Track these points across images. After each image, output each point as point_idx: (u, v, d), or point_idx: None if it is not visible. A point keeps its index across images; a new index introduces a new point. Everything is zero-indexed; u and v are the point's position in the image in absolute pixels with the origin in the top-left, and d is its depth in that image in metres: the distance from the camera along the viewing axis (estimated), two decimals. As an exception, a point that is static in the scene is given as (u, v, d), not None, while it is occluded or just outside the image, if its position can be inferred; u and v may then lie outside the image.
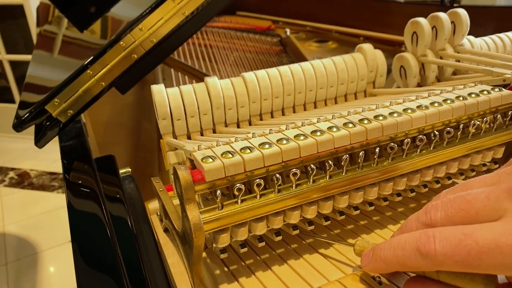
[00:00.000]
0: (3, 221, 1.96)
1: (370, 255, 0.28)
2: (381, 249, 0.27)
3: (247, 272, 0.34)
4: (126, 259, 0.33)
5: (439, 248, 0.23)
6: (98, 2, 0.74)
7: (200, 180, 0.28)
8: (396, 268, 0.27)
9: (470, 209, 0.24)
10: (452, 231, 0.23)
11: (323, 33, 1.38)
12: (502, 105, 0.38)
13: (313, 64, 0.47)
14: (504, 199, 0.23)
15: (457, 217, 0.24)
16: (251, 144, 0.30)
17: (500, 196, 0.23)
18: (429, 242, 0.23)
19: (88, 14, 0.75)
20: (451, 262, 0.23)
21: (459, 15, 0.52)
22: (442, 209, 0.25)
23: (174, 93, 0.41)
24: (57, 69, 0.64)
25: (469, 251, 0.22)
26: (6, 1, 2.47)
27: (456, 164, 0.38)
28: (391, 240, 0.27)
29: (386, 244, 0.27)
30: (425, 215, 0.26)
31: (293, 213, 0.32)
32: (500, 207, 0.23)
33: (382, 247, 0.27)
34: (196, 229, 0.27)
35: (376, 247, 0.28)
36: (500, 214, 0.23)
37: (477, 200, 0.24)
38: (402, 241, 0.25)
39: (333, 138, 0.31)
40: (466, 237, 0.22)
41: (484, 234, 0.22)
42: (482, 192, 0.24)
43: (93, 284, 0.32)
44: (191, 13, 0.51)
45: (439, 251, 0.23)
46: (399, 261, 0.26)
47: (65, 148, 0.50)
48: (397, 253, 0.26)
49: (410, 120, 0.34)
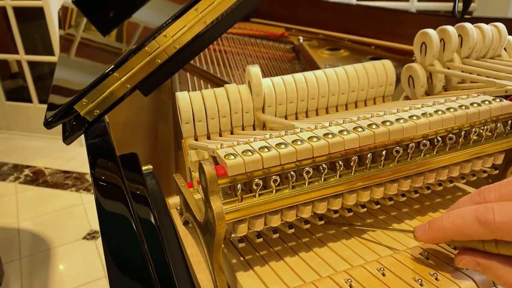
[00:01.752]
0: (18, 217, 2.02)
1: (426, 227, 0.32)
2: (438, 219, 0.31)
3: (261, 262, 0.37)
4: (151, 249, 0.36)
5: (498, 217, 0.27)
6: (121, 8, 0.78)
7: (223, 174, 0.31)
8: (454, 237, 0.30)
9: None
10: (509, 204, 0.27)
11: (336, 41, 1.41)
12: (503, 114, 0.41)
13: (326, 72, 0.50)
14: None
15: (510, 196, 0.28)
16: (269, 144, 0.34)
17: None
18: (487, 212, 0.27)
19: (111, 19, 0.78)
20: (508, 228, 0.26)
21: (466, 29, 0.55)
22: (496, 190, 0.29)
23: (196, 96, 0.44)
24: (82, 72, 0.68)
25: None
26: (27, 3, 2.54)
27: (458, 169, 0.41)
28: (448, 213, 0.31)
29: (444, 216, 0.31)
30: (478, 196, 0.30)
31: (305, 208, 0.35)
32: None
33: (439, 219, 0.31)
34: (219, 217, 0.30)
35: (433, 220, 0.32)
36: None
37: None
38: (461, 212, 0.29)
39: (344, 141, 0.34)
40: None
41: None
42: None
43: (122, 271, 0.34)
44: (211, 22, 0.54)
45: (498, 219, 0.27)
46: (457, 229, 0.29)
47: (91, 146, 0.53)
48: (457, 222, 0.29)
49: (415, 126, 0.37)
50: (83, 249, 1.79)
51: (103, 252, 0.37)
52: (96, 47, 0.73)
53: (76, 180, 2.32)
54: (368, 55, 1.26)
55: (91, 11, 0.84)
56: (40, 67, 2.83)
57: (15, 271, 1.67)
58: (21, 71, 2.82)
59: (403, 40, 1.25)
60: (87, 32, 0.80)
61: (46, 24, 2.54)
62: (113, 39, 0.70)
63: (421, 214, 0.42)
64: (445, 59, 0.56)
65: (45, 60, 2.72)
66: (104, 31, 0.75)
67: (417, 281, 0.32)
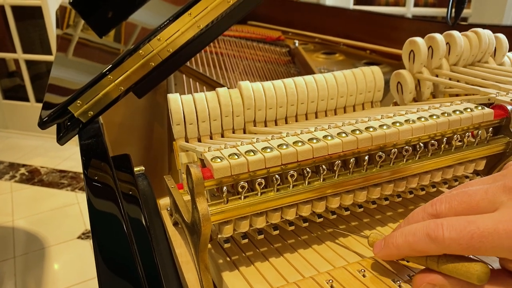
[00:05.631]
0: (12, 216, 2.02)
1: (382, 243, 0.33)
2: (392, 237, 0.32)
3: (247, 262, 0.38)
4: (140, 249, 0.37)
5: (446, 233, 0.27)
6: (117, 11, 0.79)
7: (209, 177, 0.32)
8: (406, 253, 0.31)
9: (471, 202, 0.28)
10: (457, 219, 0.28)
11: (331, 45, 1.43)
12: (484, 122, 0.42)
13: (315, 77, 0.51)
14: (500, 194, 0.27)
15: (460, 208, 0.29)
16: (255, 148, 0.35)
17: (497, 191, 0.28)
18: (437, 229, 0.28)
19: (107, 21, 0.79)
20: (456, 245, 0.27)
21: (453, 37, 0.56)
22: (447, 202, 0.30)
23: (187, 99, 0.45)
24: (78, 72, 0.69)
25: (472, 235, 0.26)
26: (25, 2, 2.54)
27: (440, 174, 0.42)
28: (401, 229, 0.31)
29: (397, 232, 0.32)
30: (431, 207, 0.31)
31: (289, 210, 0.36)
32: (497, 200, 0.27)
33: (393, 235, 0.32)
34: (205, 219, 0.31)
35: (388, 236, 0.33)
36: (496, 206, 0.27)
37: (477, 194, 0.28)
38: (413, 229, 0.30)
39: (327, 146, 0.35)
40: (469, 224, 0.27)
41: (484, 221, 0.26)
42: (481, 188, 0.29)
43: (111, 271, 0.35)
44: (205, 26, 0.55)
45: (447, 236, 0.27)
46: (410, 246, 0.30)
47: (84, 146, 0.54)
48: (409, 239, 0.30)
49: (397, 132, 0.38)
50: (78, 248, 1.79)
51: (93, 251, 0.38)
52: (91, 47, 0.74)
53: (71, 179, 2.33)
54: (363, 60, 1.27)
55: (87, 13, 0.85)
56: (38, 66, 2.84)
57: (9, 270, 1.67)
58: (18, 70, 2.83)
59: (398, 45, 1.27)
60: (84, 32, 0.81)
61: (44, 23, 2.54)
62: (108, 40, 0.71)
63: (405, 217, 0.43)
64: (433, 66, 0.57)
65: (43, 59, 2.73)
66: (100, 32, 0.76)
67: (396, 283, 0.33)
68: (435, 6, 2.40)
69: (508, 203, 0.27)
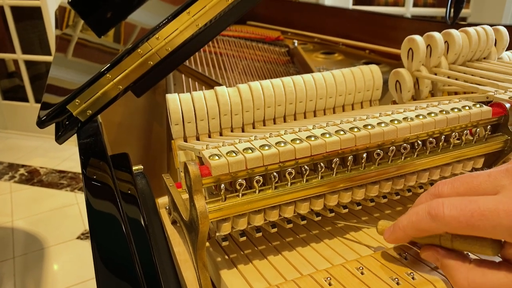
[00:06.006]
0: (12, 216, 2.02)
1: (391, 229, 0.34)
2: (399, 220, 0.33)
3: (245, 260, 0.38)
4: (138, 248, 0.37)
5: (447, 211, 0.28)
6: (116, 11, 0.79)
7: (207, 174, 0.32)
8: (412, 233, 0.32)
9: (473, 183, 0.29)
10: (459, 199, 0.29)
11: (330, 45, 1.43)
12: (482, 120, 0.42)
13: (314, 76, 0.51)
14: (502, 177, 0.28)
15: (462, 189, 0.30)
16: (253, 146, 0.35)
17: (499, 174, 0.29)
18: (438, 207, 0.29)
19: (106, 21, 0.79)
20: (456, 222, 0.28)
21: (452, 36, 0.56)
22: (449, 183, 0.31)
23: (186, 98, 0.45)
24: (75, 72, 0.69)
25: (472, 213, 0.27)
26: (25, 3, 2.54)
27: (438, 172, 0.42)
28: (407, 212, 0.33)
29: (404, 215, 0.33)
30: (434, 188, 0.32)
31: (287, 207, 0.36)
32: (498, 184, 0.28)
33: (400, 219, 0.33)
34: (202, 216, 0.31)
35: (396, 221, 0.34)
36: (498, 190, 0.28)
37: (479, 176, 0.30)
38: (416, 209, 0.31)
39: (325, 143, 0.35)
40: (470, 203, 0.28)
41: (485, 201, 0.27)
42: (484, 172, 0.30)
43: (109, 270, 0.35)
44: (204, 25, 0.55)
45: (447, 214, 0.28)
46: (413, 225, 0.31)
47: (83, 145, 0.54)
48: (412, 219, 0.31)
49: (396, 130, 0.38)
50: (77, 248, 1.79)
51: (91, 250, 0.38)
52: (90, 47, 0.74)
53: (71, 180, 2.33)
54: (362, 60, 1.27)
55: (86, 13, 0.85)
56: (37, 66, 2.84)
57: (8, 270, 1.67)
58: (17, 70, 2.83)
59: (397, 45, 1.26)
60: (82, 32, 0.81)
61: (44, 24, 2.54)
62: (107, 40, 0.71)
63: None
64: (431, 65, 0.57)
65: (42, 59, 2.72)
66: (99, 32, 0.76)
67: (394, 280, 0.33)
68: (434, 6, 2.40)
69: (509, 187, 0.28)
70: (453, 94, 0.58)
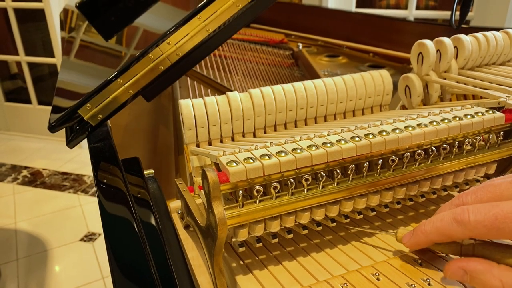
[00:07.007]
0: (15, 218, 2.02)
1: (411, 234, 0.35)
2: (421, 225, 0.34)
3: (260, 266, 0.38)
4: (153, 252, 0.37)
5: (472, 216, 0.29)
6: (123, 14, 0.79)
7: (225, 181, 0.33)
8: (435, 239, 0.33)
9: (496, 191, 0.30)
10: (482, 205, 0.30)
11: (334, 48, 1.43)
12: (495, 126, 0.42)
13: (324, 81, 0.52)
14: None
15: (485, 198, 0.31)
16: (269, 152, 0.35)
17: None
18: (463, 213, 0.30)
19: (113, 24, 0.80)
20: (481, 226, 0.29)
21: (461, 41, 0.56)
22: (473, 193, 0.32)
23: (199, 103, 0.46)
24: (85, 75, 0.69)
25: (496, 216, 0.28)
26: (28, 5, 2.55)
27: (452, 177, 0.42)
28: (430, 218, 0.33)
29: (426, 221, 0.34)
30: (457, 199, 0.33)
31: (303, 214, 0.36)
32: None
33: (421, 224, 0.34)
34: (221, 223, 0.32)
35: (416, 227, 0.35)
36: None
37: (502, 184, 0.30)
38: (441, 216, 0.32)
39: (341, 150, 0.35)
40: (493, 207, 0.29)
41: (508, 204, 0.28)
42: (506, 180, 0.31)
43: (125, 273, 0.35)
44: (214, 31, 0.55)
45: (472, 219, 0.29)
46: (438, 230, 0.32)
47: (94, 149, 0.54)
48: (436, 225, 0.32)
49: (410, 137, 0.38)
50: (80, 251, 1.79)
51: (107, 253, 0.38)
52: (100, 51, 0.74)
53: (74, 181, 2.33)
54: (366, 63, 1.27)
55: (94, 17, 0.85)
56: (40, 68, 2.84)
57: (11, 272, 1.67)
58: (20, 72, 2.83)
59: (401, 48, 1.27)
60: (91, 36, 0.81)
61: (47, 26, 2.55)
62: (116, 44, 0.71)
63: (416, 221, 0.44)
64: (441, 70, 0.57)
65: (45, 61, 2.73)
66: (106, 36, 0.76)
67: (410, 286, 0.33)
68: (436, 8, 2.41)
69: None
70: (461, 97, 0.59)
